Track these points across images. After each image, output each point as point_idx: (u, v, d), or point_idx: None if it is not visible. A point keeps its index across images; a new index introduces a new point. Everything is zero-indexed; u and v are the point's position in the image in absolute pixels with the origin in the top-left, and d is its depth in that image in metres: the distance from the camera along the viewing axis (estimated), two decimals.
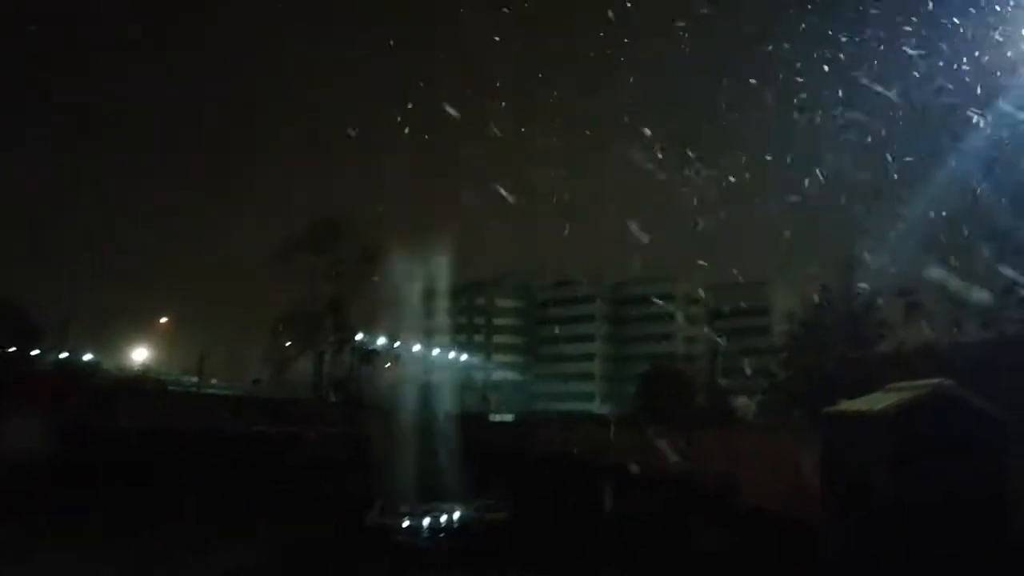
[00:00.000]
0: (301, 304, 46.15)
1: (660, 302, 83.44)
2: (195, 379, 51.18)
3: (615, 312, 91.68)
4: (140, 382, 46.37)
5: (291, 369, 49.68)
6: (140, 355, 54.83)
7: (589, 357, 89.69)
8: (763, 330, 66.06)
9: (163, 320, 54.85)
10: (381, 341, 56.87)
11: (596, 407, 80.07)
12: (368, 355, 53.51)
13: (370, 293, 48.23)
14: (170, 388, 47.26)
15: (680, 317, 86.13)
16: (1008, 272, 19.35)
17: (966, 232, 21.93)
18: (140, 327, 54.81)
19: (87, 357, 51.45)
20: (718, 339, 66.51)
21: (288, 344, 47.81)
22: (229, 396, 47.16)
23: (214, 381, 55.46)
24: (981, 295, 20.90)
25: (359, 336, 51.53)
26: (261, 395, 47.26)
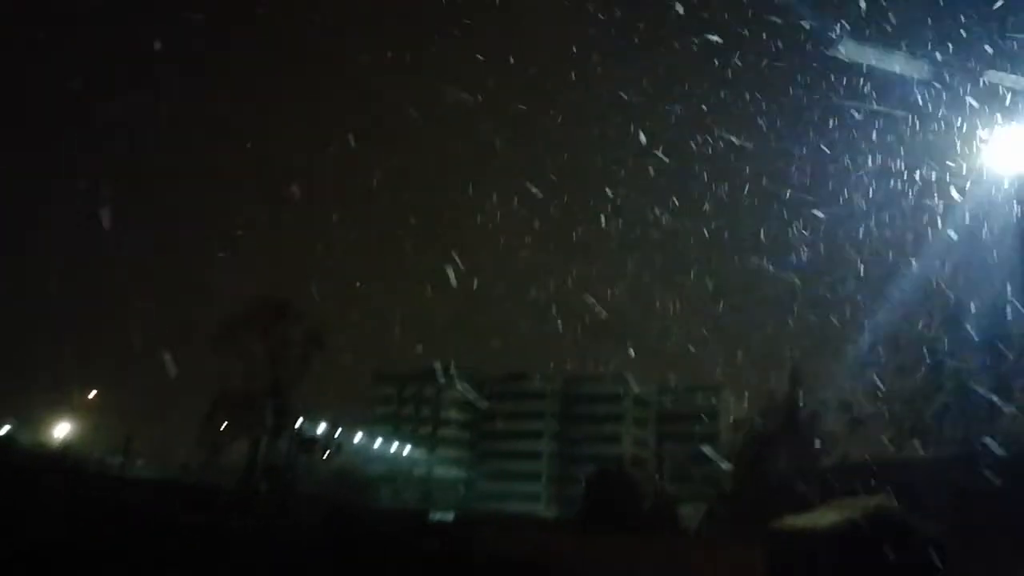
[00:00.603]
0: (239, 386, 44.63)
1: (611, 402, 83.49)
2: (120, 459, 48.44)
3: (565, 410, 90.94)
4: (59, 460, 43.59)
5: (224, 454, 47.53)
6: (62, 430, 51.69)
7: (536, 456, 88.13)
8: (711, 437, 66.04)
9: (90, 394, 51.99)
10: (321, 428, 55.07)
11: (542, 509, 78.15)
12: (306, 443, 51.55)
13: (314, 378, 47.00)
14: (91, 468, 44.56)
15: (629, 418, 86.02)
16: (943, 395, 19.87)
17: (907, 353, 22.57)
18: (64, 400, 51.75)
19: (1, 430, 48.44)
20: (666, 444, 66.26)
21: (223, 427, 45.90)
22: (155, 480, 44.76)
23: (141, 463, 52.65)
24: (920, 414, 21.34)
25: (299, 422, 49.82)
26: (189, 481, 44.93)
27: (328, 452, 57.31)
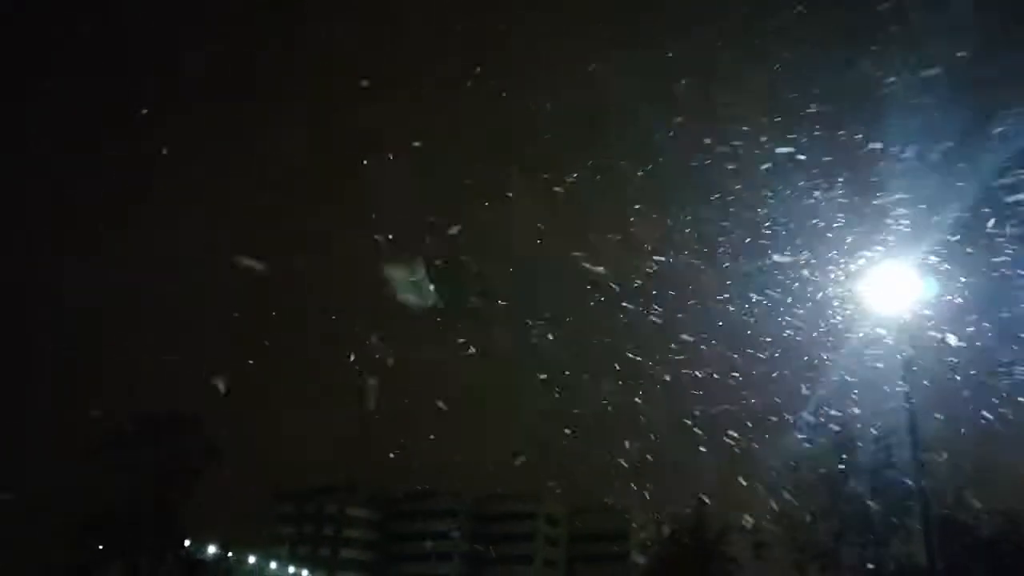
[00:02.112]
0: (118, 503, 41.08)
1: (522, 520, 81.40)
2: None
3: (474, 529, 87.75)
4: None
5: None
6: None
7: None
8: (621, 557, 64.99)
9: None
10: (211, 550, 51.09)
11: None
12: (194, 566, 47.54)
13: (204, 495, 43.85)
14: None
15: (541, 538, 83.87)
16: (840, 518, 20.32)
17: (806, 475, 23.12)
18: None
19: None
20: (577, 565, 64.56)
21: (97, 550, 41.83)
22: None
23: None
24: (819, 537, 21.65)
25: (186, 543, 46.07)
26: None
27: None
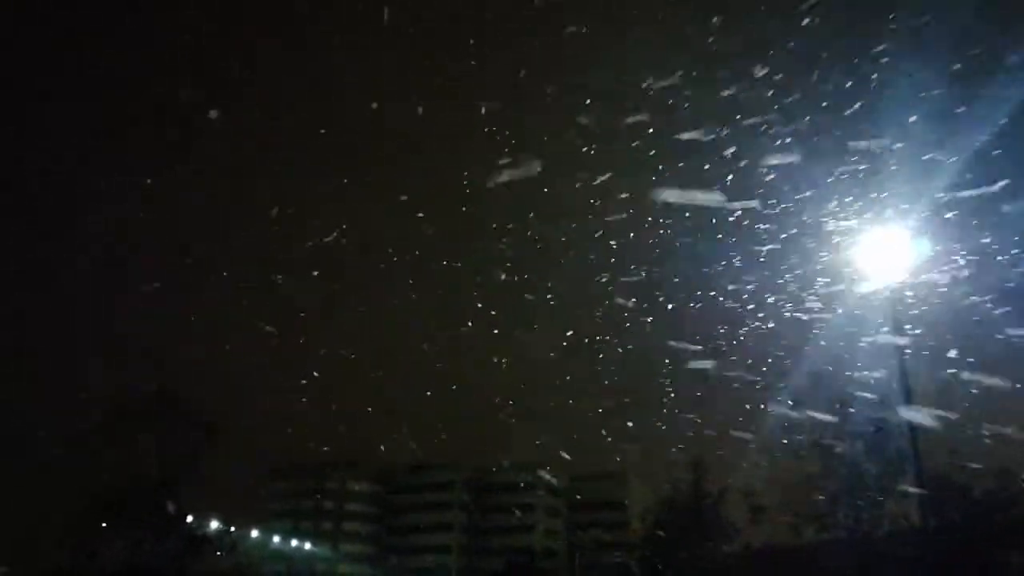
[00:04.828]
0: (122, 482, 41.30)
1: (522, 491, 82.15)
2: None
3: (475, 500, 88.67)
4: None
5: (102, 557, 43.43)
6: None
7: (446, 549, 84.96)
8: (621, 525, 65.71)
9: None
10: (214, 526, 51.47)
11: None
12: (197, 541, 47.91)
13: (209, 471, 44.05)
14: None
15: (541, 508, 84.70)
16: (836, 480, 20.57)
17: (800, 439, 23.37)
18: None
19: None
20: (577, 533, 65.36)
21: (101, 527, 42.08)
22: None
23: (4, 570, 47.82)
24: (815, 499, 21.98)
25: (189, 519, 46.38)
26: None
27: (222, 551, 53.46)
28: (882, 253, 15.38)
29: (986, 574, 16.00)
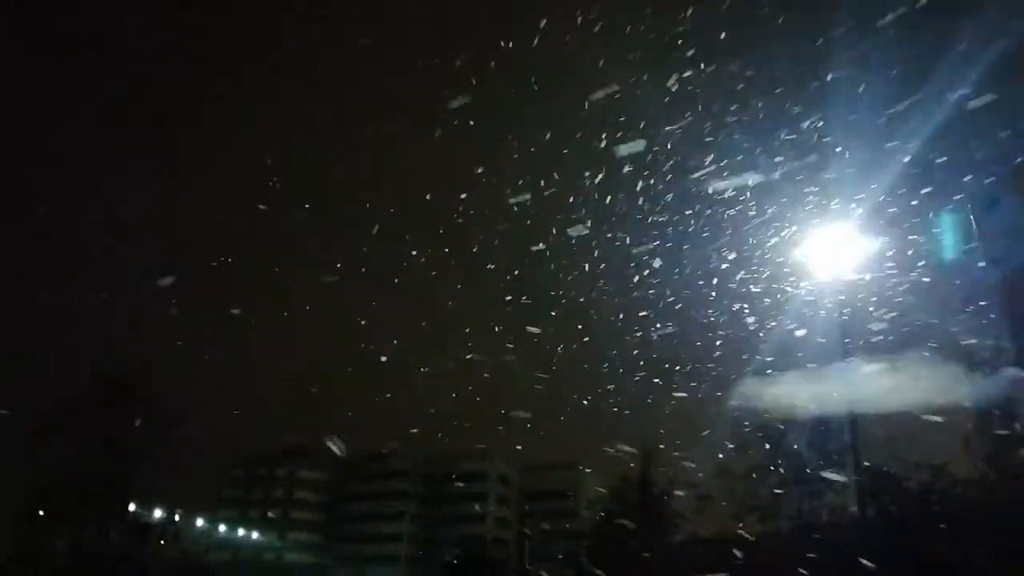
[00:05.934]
0: (66, 472, 40.08)
1: (474, 480, 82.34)
2: None
3: (428, 490, 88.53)
4: None
5: (47, 547, 42.22)
6: None
7: (397, 538, 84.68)
8: (570, 514, 66.38)
9: None
10: (158, 514, 50.42)
11: None
12: (140, 529, 46.87)
13: (155, 461, 43.01)
14: None
15: (493, 497, 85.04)
16: (785, 469, 21.10)
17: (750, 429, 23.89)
18: None
19: None
20: (528, 522, 65.80)
21: (44, 526, 40.91)
22: None
23: None
24: (757, 491, 22.53)
25: (131, 507, 45.31)
26: None
27: (165, 539, 52.40)
28: (829, 249, 15.79)
29: (921, 564, 16.64)
